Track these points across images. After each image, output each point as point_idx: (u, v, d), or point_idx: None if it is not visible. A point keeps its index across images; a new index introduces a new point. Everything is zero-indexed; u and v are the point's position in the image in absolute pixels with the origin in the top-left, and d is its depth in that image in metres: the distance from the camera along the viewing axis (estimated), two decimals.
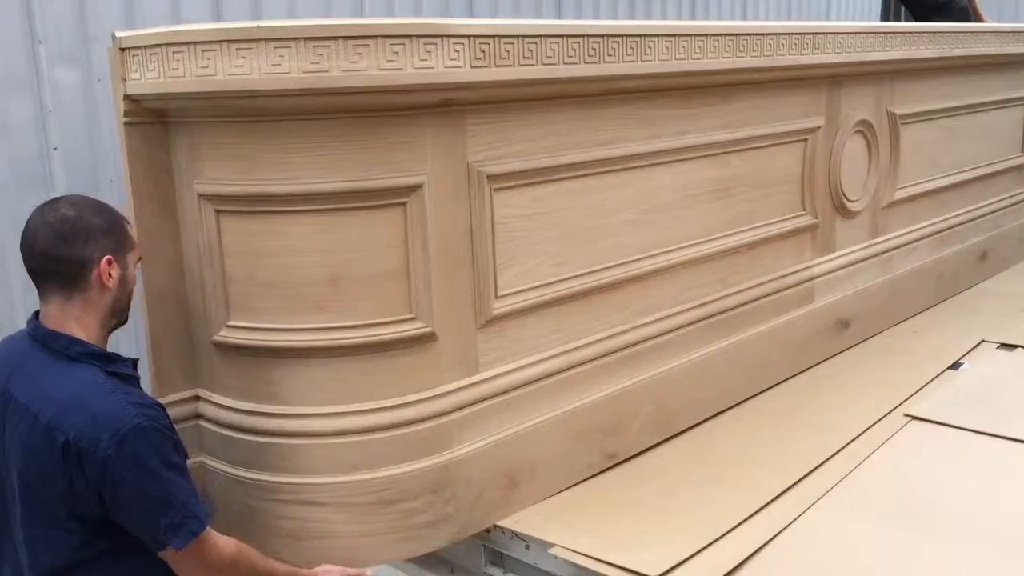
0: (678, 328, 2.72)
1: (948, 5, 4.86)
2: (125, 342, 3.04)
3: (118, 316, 1.81)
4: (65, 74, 2.67)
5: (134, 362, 1.84)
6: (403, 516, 2.13)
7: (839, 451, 2.60)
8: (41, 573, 1.74)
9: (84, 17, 2.69)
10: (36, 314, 1.78)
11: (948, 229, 4.07)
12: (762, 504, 2.31)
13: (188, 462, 1.85)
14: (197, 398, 2.21)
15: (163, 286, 2.12)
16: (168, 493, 1.69)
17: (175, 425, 1.99)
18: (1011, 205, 4.61)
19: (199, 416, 2.20)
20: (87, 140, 2.76)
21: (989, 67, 4.11)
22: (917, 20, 4.80)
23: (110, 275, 1.73)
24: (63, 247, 1.68)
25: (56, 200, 1.77)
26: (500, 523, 2.27)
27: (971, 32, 3.88)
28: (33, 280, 1.75)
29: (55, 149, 2.73)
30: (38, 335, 1.73)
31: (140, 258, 1.88)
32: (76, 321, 1.72)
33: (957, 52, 3.71)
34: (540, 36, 2.08)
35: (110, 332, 1.82)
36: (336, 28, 1.83)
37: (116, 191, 2.77)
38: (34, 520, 1.73)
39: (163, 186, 2.08)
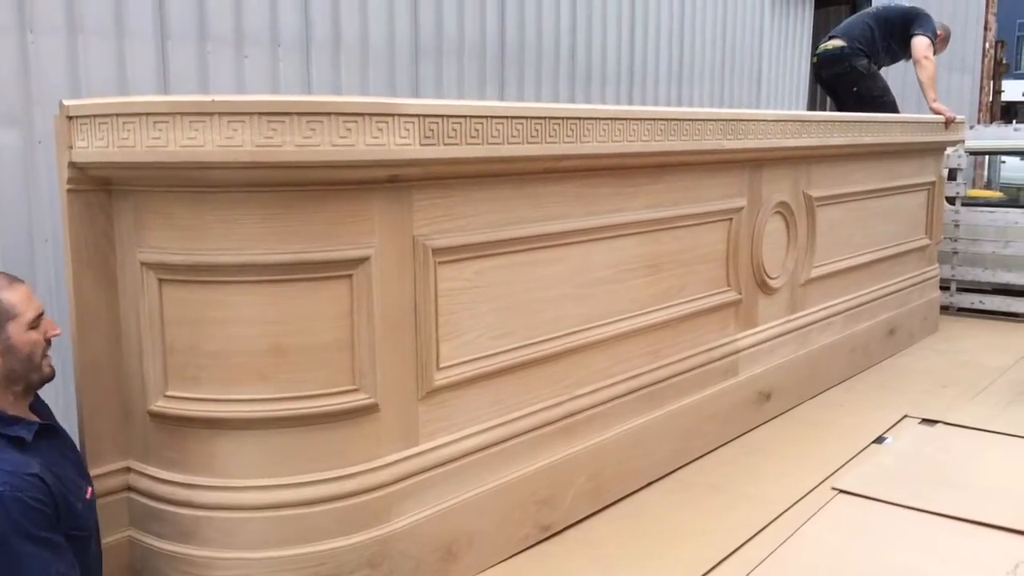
0: (612, 399, 2.78)
1: (881, 99, 5.15)
2: (54, 410, 2.93)
3: (19, 381, 1.78)
4: (5, 135, 2.63)
5: (45, 426, 1.82)
6: None
7: (771, 523, 2.66)
8: None
9: (28, 79, 2.66)
10: None
11: (860, 306, 4.28)
12: None
13: (114, 537, 1.83)
14: (128, 470, 2.15)
15: (98, 355, 2.08)
16: (24, 568, 1.63)
17: (106, 496, 2.05)
18: (916, 284, 4.88)
19: (129, 488, 2.14)
20: (24, 200, 2.70)
21: (896, 154, 4.40)
22: (847, 109, 5.03)
23: None
24: None
25: None
26: None
27: (879, 122, 4.15)
28: None
29: None
30: None
31: (40, 313, 1.81)
32: None
33: (867, 140, 3.96)
34: (486, 117, 2.16)
35: (26, 392, 1.81)
36: (290, 104, 1.87)
37: (52, 251, 2.71)
38: None
39: (103, 253, 2.06)
